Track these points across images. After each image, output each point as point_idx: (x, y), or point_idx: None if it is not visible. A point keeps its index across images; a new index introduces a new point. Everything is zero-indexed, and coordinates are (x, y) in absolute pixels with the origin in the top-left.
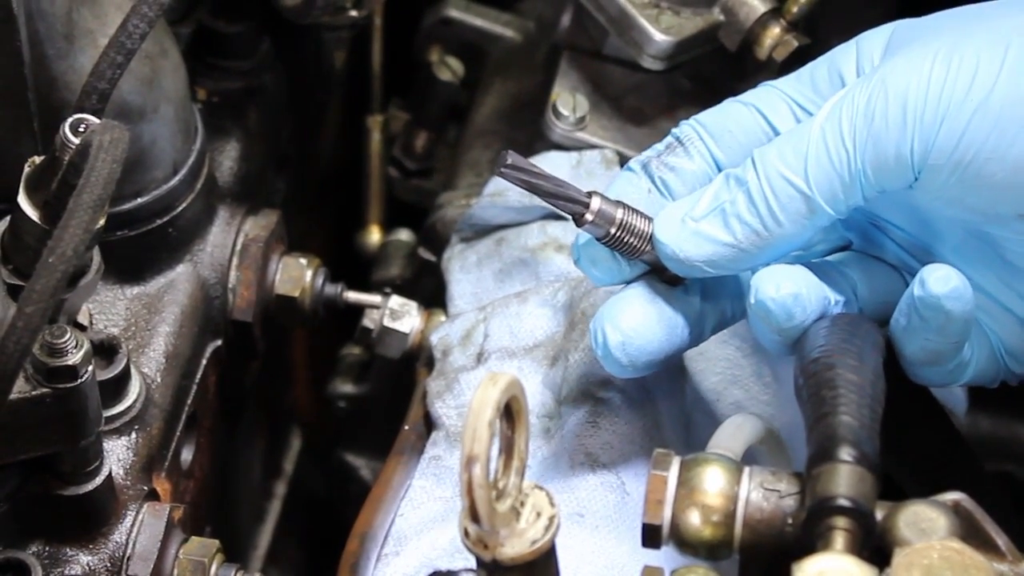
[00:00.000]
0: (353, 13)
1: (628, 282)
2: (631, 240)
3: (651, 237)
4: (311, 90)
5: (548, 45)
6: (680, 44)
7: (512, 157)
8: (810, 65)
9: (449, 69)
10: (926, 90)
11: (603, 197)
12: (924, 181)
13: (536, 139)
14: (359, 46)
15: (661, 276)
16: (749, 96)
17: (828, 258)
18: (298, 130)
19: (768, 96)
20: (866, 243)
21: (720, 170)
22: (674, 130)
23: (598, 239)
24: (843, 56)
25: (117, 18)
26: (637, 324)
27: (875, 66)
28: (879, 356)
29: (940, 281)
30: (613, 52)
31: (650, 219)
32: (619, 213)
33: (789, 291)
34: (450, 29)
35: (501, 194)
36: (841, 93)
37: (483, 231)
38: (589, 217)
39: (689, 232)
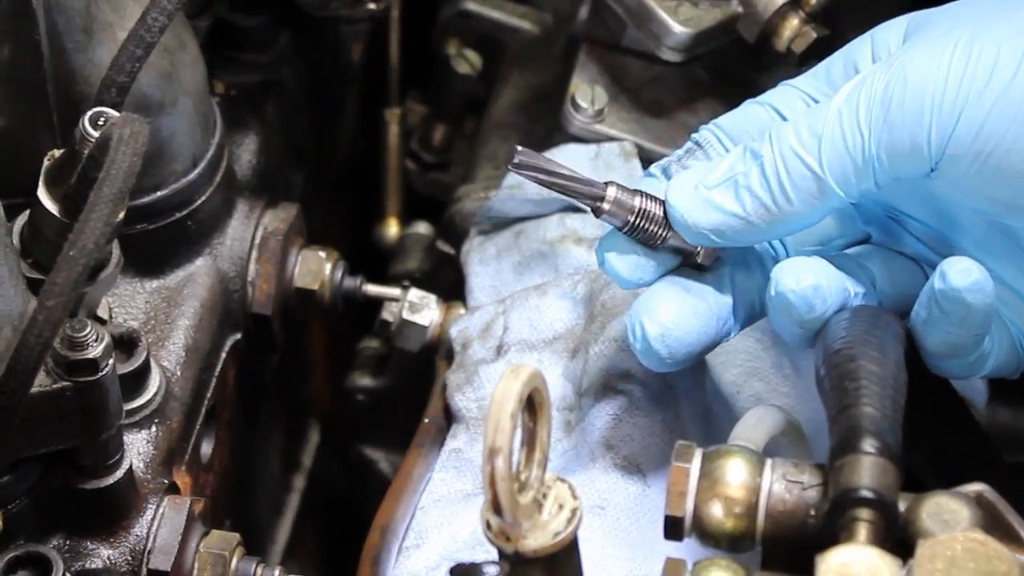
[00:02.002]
0: (371, 6)
1: (651, 283)
2: (651, 227)
3: (669, 225)
4: (329, 83)
5: (566, 37)
6: (699, 36)
7: (522, 154)
8: (826, 61)
9: (467, 62)
10: (945, 79)
11: (619, 186)
12: (943, 171)
13: (554, 131)
14: (377, 39)
15: (688, 262)
16: (767, 96)
17: (847, 251)
18: (316, 123)
19: (785, 95)
20: (886, 237)
21: None
22: (694, 135)
23: (619, 229)
24: (858, 49)
25: (136, 11)
26: (675, 316)
27: (893, 54)
28: (901, 347)
29: (961, 274)
30: (631, 44)
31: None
32: (637, 200)
33: (809, 283)
34: (468, 22)
35: (519, 186)
36: (860, 76)
37: (502, 224)
38: (606, 206)
39: (700, 199)
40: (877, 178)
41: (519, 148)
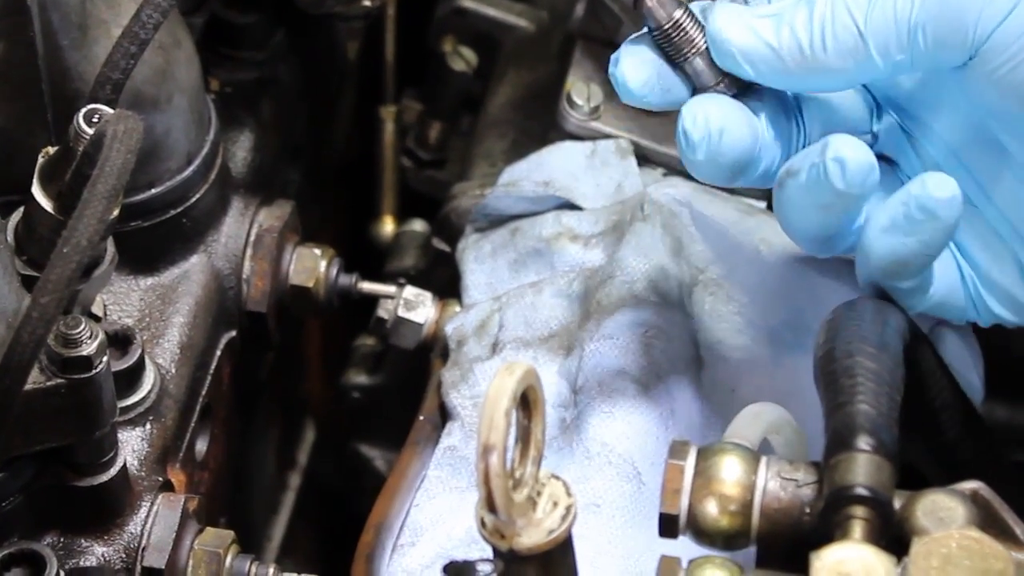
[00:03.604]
0: (366, 3)
1: (655, 105)
2: (679, 42)
3: (702, 48)
4: (324, 81)
5: (562, 34)
6: None
7: None
8: None
9: (463, 59)
10: None
11: None
12: (980, 61)
13: (550, 129)
14: (372, 36)
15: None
16: None
17: None
18: (311, 121)
19: None
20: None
21: None
22: None
23: (651, 29)
24: None
25: (131, 8)
26: (733, 120)
27: None
28: (899, 344)
29: (940, 186)
30: None
31: (704, 32)
32: (679, 12)
33: (868, 160)
34: (464, 19)
35: (515, 184)
36: None
37: (497, 221)
38: (651, 1)
39: (742, 22)
40: (915, 56)
41: None
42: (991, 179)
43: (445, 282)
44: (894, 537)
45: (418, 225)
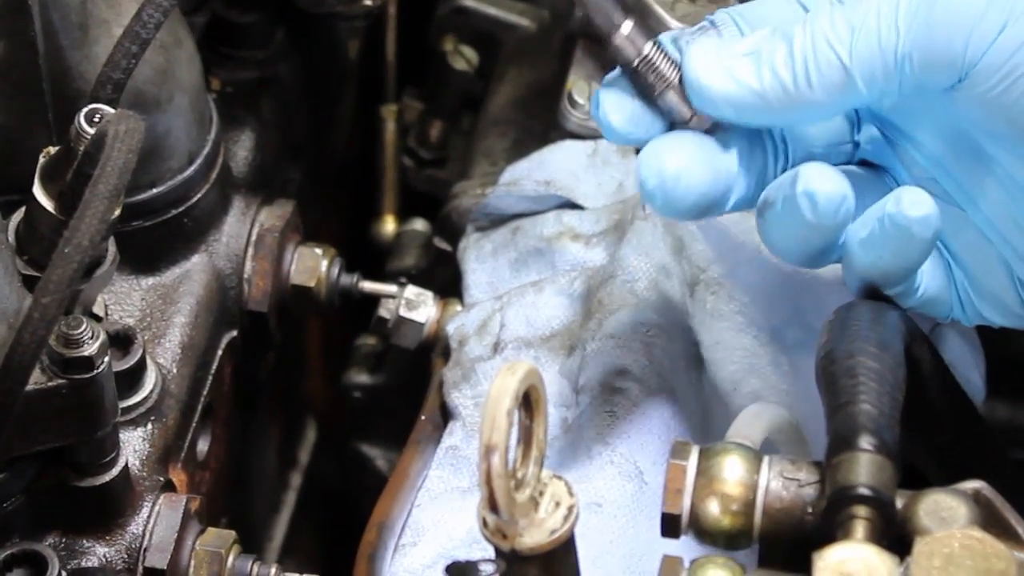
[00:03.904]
0: (367, 2)
1: (641, 140)
2: (651, 79)
3: (673, 81)
4: (325, 80)
5: (563, 33)
6: None
7: None
8: None
9: (464, 58)
10: None
11: (637, 24)
12: (969, 84)
13: (552, 128)
14: (373, 36)
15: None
16: None
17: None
18: (312, 120)
19: None
20: (870, 153)
21: None
22: (708, 15)
23: (623, 67)
24: None
25: (131, 8)
26: (691, 161)
27: None
28: (901, 344)
29: (915, 204)
30: None
31: (677, 65)
32: (648, 46)
33: (839, 191)
34: (464, 18)
35: (516, 183)
36: None
37: (498, 220)
38: (617, 40)
39: (721, 66)
40: (902, 82)
41: None
42: (977, 186)
43: (446, 281)
44: (896, 537)
45: (419, 224)
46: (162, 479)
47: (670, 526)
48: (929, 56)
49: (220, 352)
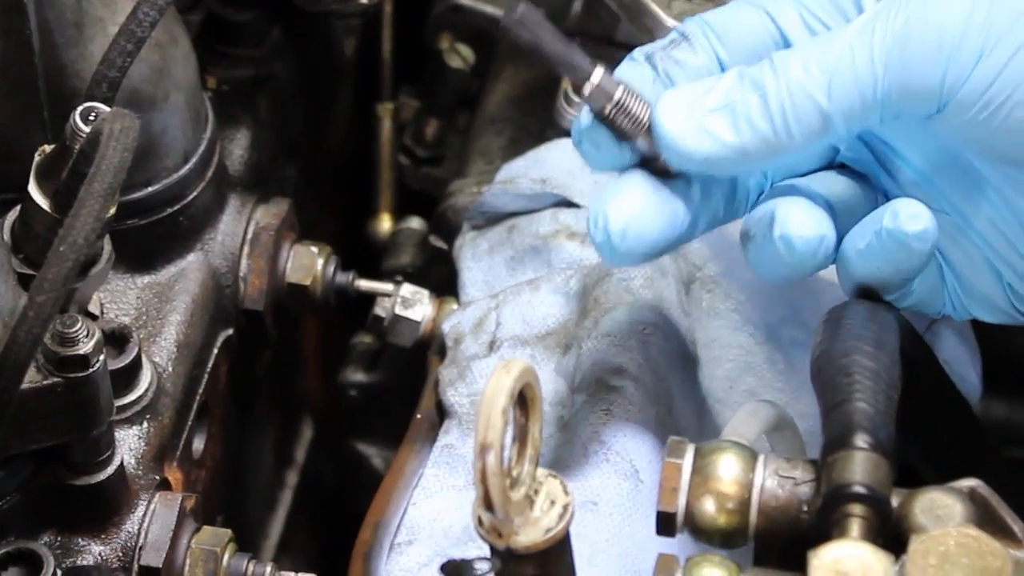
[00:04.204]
0: (363, 1)
1: (624, 170)
2: (625, 123)
3: (646, 124)
4: (321, 78)
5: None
6: None
7: (523, 9)
8: None
9: (460, 56)
10: (967, 19)
11: (607, 71)
12: (948, 114)
13: (548, 126)
14: (369, 34)
15: (651, 166)
16: None
17: (811, 185)
18: (308, 118)
19: (779, 0)
20: (850, 157)
21: (724, 70)
22: (679, 26)
23: (595, 114)
24: None
25: (127, 6)
26: (640, 211)
27: None
28: (896, 342)
29: (912, 219)
30: (625, 38)
31: (648, 106)
32: (619, 92)
33: (816, 232)
34: (460, 16)
35: (512, 181)
36: (875, 10)
37: (494, 219)
38: (588, 89)
39: (695, 125)
40: (882, 115)
41: (520, 3)
42: (964, 199)
43: (442, 280)
44: (892, 535)
45: (415, 223)
46: (158, 477)
47: (665, 524)
48: (907, 91)
49: (216, 350)
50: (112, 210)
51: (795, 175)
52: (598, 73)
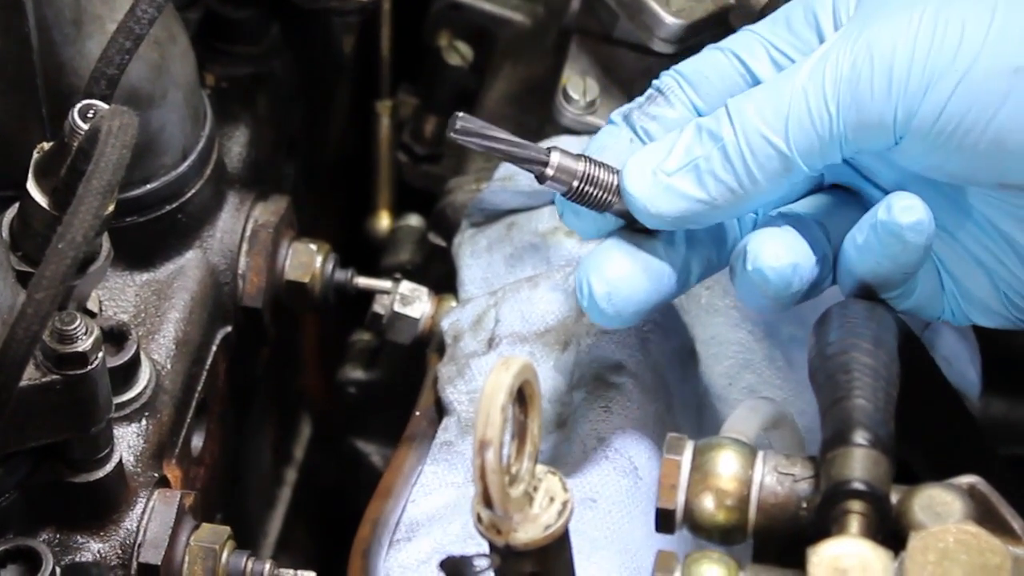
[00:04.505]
0: None
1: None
2: (596, 193)
3: (618, 189)
4: (320, 75)
5: (558, 29)
6: (691, 27)
7: (463, 119)
8: (785, 8)
9: (458, 54)
10: (911, 57)
11: (563, 152)
12: (905, 145)
13: (546, 123)
14: (368, 31)
15: (634, 227)
16: (728, 42)
17: (800, 209)
18: (307, 116)
19: (746, 41)
20: (836, 175)
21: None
22: (655, 81)
23: (564, 195)
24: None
25: (125, 3)
26: (623, 273)
27: (855, 17)
28: (894, 340)
29: (905, 211)
30: (623, 36)
31: (616, 171)
32: (580, 166)
33: (789, 261)
34: (459, 13)
35: (511, 178)
36: (823, 50)
37: (493, 216)
38: (550, 172)
39: (661, 187)
40: (843, 152)
41: (459, 114)
42: (949, 216)
43: (441, 277)
44: (891, 532)
45: (414, 220)
46: (156, 475)
47: (664, 521)
48: (862, 128)
49: (214, 348)
50: (111, 207)
51: (785, 203)
52: (555, 157)
